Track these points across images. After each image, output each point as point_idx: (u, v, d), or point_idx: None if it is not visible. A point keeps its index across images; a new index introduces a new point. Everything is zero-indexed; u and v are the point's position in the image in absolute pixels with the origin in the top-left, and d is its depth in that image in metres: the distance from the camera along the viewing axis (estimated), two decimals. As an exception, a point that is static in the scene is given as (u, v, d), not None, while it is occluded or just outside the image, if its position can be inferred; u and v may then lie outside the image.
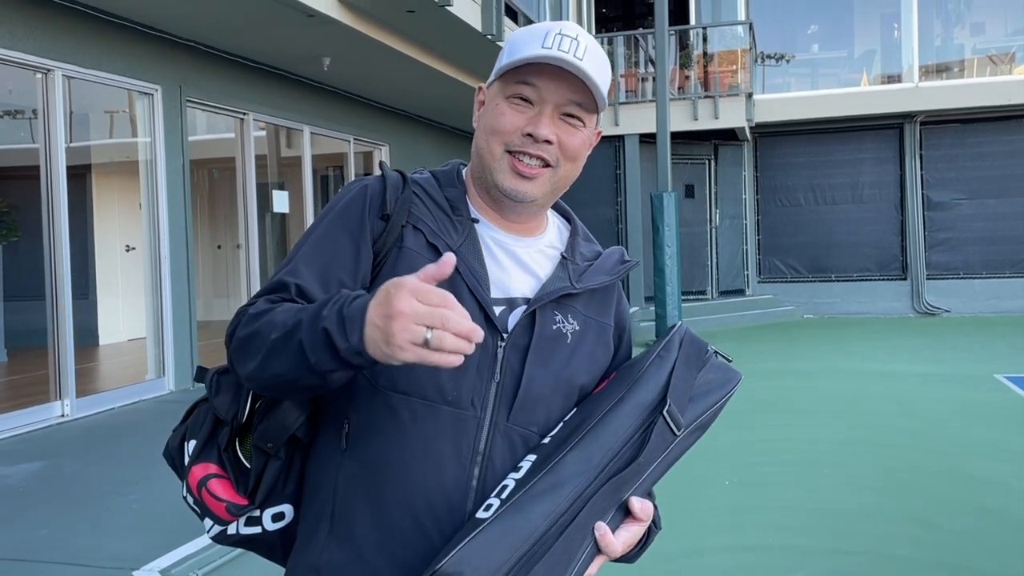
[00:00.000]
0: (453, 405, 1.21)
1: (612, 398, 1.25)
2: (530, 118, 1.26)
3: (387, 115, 11.54)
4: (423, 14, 7.85)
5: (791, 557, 4.00)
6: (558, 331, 1.30)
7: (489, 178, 1.30)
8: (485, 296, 1.25)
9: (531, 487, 1.14)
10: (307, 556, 1.26)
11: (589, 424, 1.21)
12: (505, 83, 1.28)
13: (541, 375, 1.26)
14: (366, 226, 1.27)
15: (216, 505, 1.26)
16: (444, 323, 0.99)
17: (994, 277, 14.81)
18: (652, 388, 1.25)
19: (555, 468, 1.16)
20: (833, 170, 15.46)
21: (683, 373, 1.27)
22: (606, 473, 1.18)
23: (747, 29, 14.76)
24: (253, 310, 1.21)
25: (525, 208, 1.31)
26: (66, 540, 3.77)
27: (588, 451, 1.18)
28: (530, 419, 1.25)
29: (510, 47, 1.29)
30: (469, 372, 1.22)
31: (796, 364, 9.91)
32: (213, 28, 7.41)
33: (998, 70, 14.96)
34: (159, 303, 7.48)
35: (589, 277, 1.35)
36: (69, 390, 6.41)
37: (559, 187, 1.33)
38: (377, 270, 1.26)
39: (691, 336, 1.33)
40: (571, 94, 1.26)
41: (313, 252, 1.27)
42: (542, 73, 1.25)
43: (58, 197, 6.34)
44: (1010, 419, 6.67)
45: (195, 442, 1.30)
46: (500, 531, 1.09)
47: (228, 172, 8.77)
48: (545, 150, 1.27)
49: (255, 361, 1.16)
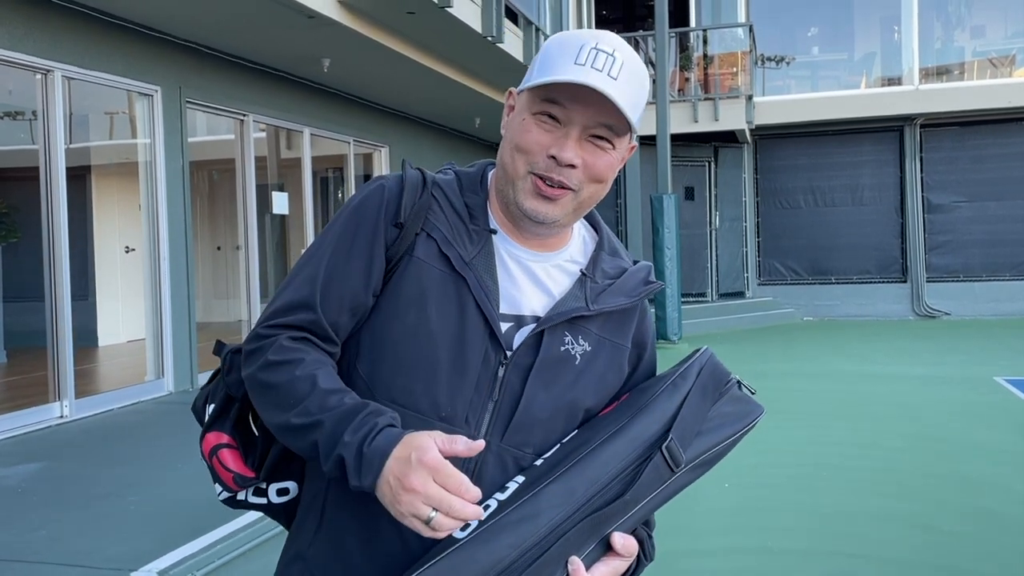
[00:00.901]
0: (447, 421, 1.20)
1: (613, 425, 1.20)
2: (556, 138, 1.20)
3: (387, 117, 11.54)
4: (423, 15, 7.85)
5: (790, 559, 3.99)
6: (566, 353, 1.25)
7: (511, 195, 1.25)
8: (492, 312, 1.22)
9: (505, 515, 1.11)
10: (298, 542, 1.29)
11: (581, 453, 1.16)
12: (533, 97, 1.22)
13: (541, 397, 1.23)
14: (380, 232, 1.24)
15: (225, 474, 1.29)
16: (450, 511, 1.04)
17: (994, 280, 14.81)
18: (657, 419, 1.19)
19: (534, 498, 1.12)
20: (833, 172, 15.47)
21: (695, 404, 1.21)
22: (589, 506, 1.13)
23: (747, 31, 14.77)
24: (274, 355, 1.19)
25: (547, 229, 1.27)
26: (65, 541, 3.76)
27: (572, 483, 1.13)
28: (525, 441, 1.22)
29: (542, 58, 1.24)
30: (467, 389, 1.21)
31: (796, 366, 9.90)
32: (213, 29, 7.41)
33: (998, 73, 14.97)
34: (158, 304, 7.47)
35: (607, 298, 1.29)
36: (68, 391, 6.41)
37: (583, 207, 1.27)
38: (388, 277, 1.24)
39: (713, 364, 1.26)
40: (600, 116, 1.19)
41: (327, 264, 1.25)
42: (572, 94, 1.18)
43: (58, 198, 6.33)
44: (1010, 421, 6.66)
45: (212, 407, 1.32)
46: (464, 558, 1.07)
47: (228, 173, 8.77)
48: (566, 175, 1.21)
49: (269, 415, 1.21)
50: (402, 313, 1.22)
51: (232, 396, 1.30)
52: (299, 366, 1.18)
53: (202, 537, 3.71)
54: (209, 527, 3.80)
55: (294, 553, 1.29)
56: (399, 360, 1.21)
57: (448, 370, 1.20)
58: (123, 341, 8.12)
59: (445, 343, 1.20)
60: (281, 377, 1.18)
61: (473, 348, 1.21)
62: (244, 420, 1.31)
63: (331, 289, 1.23)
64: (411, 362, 1.21)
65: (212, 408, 1.32)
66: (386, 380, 1.21)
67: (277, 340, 1.21)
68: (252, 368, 1.22)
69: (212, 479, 1.32)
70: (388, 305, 1.24)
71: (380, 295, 1.24)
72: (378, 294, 1.24)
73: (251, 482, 1.29)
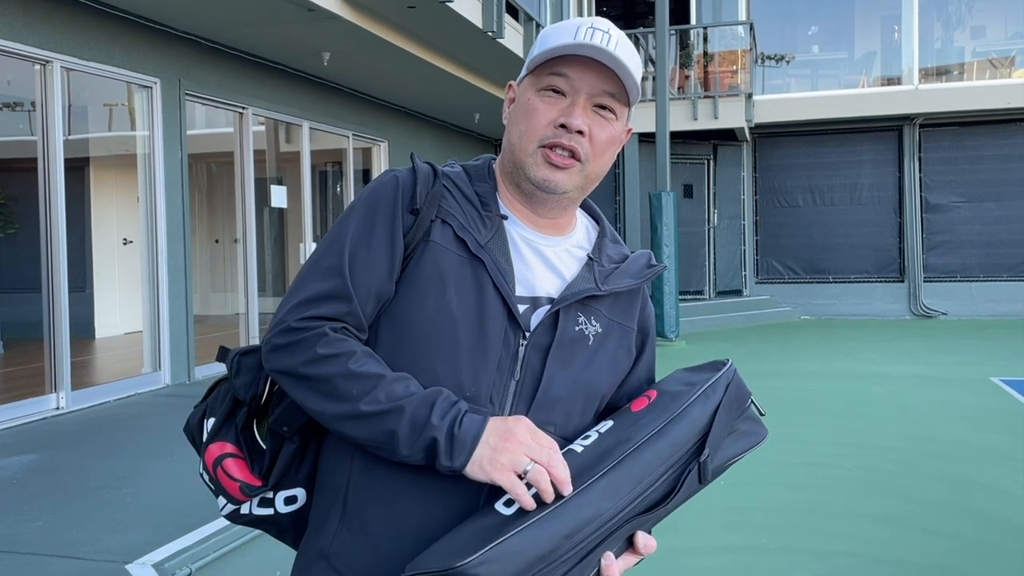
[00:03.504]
0: (472, 401, 1.21)
1: (653, 424, 1.22)
2: (563, 109, 1.27)
3: (387, 111, 11.52)
4: (424, 10, 7.84)
5: (785, 558, 4.00)
6: (580, 332, 1.29)
7: (521, 172, 1.30)
8: (510, 293, 1.25)
9: (561, 504, 1.11)
10: (318, 542, 1.28)
11: (625, 449, 1.18)
12: (537, 76, 1.29)
13: (561, 376, 1.26)
14: (398, 219, 1.27)
15: (230, 484, 1.28)
16: (549, 463, 1.11)
17: (991, 280, 14.83)
18: (692, 429, 1.22)
19: (586, 490, 1.14)
20: (832, 172, 15.47)
21: (724, 420, 1.25)
22: (634, 507, 1.16)
23: (747, 29, 14.76)
24: (324, 348, 1.19)
25: (556, 201, 1.31)
26: (60, 533, 3.76)
27: (620, 479, 1.16)
28: (548, 419, 1.25)
29: (541, 41, 1.30)
30: (489, 369, 1.23)
31: (792, 365, 9.91)
32: (213, 22, 7.40)
33: (998, 73, 14.97)
34: (156, 297, 7.46)
35: (615, 280, 1.34)
36: (64, 383, 6.40)
37: (589, 182, 1.33)
38: (406, 263, 1.26)
39: (737, 381, 1.29)
40: (604, 84, 1.27)
41: (350, 254, 1.25)
42: (574, 64, 1.26)
43: (56, 190, 6.32)
44: (1005, 422, 6.67)
45: (214, 420, 1.31)
46: (525, 540, 1.08)
47: (226, 167, 8.76)
48: (578, 141, 1.27)
49: (323, 406, 1.19)
50: (422, 297, 1.24)
51: (240, 400, 1.30)
52: (352, 358, 1.19)
53: (197, 530, 3.71)
54: (205, 520, 3.80)
55: (315, 553, 1.28)
56: (422, 343, 1.23)
57: (470, 351, 1.23)
58: (120, 333, 8.11)
59: (466, 325, 1.23)
60: (335, 369, 1.18)
61: (493, 329, 1.24)
62: (248, 428, 1.30)
63: (358, 279, 1.24)
64: (434, 345, 1.23)
65: (214, 420, 1.31)
66: (408, 364, 1.22)
67: (323, 332, 1.21)
68: (294, 361, 1.21)
69: (215, 492, 1.31)
70: (407, 291, 1.25)
71: (399, 281, 1.26)
72: (398, 279, 1.26)
73: (258, 491, 1.28)
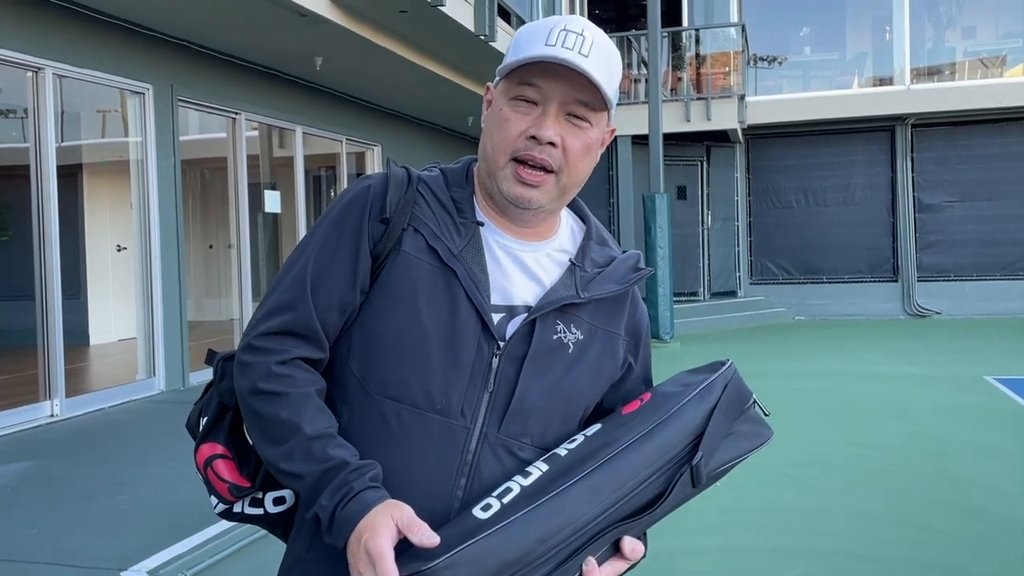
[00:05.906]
0: (442, 414, 1.20)
1: (640, 427, 1.19)
2: (534, 119, 1.23)
3: (380, 115, 11.52)
4: (416, 14, 7.85)
5: (781, 558, 4.01)
6: (558, 341, 1.26)
7: (494, 185, 1.27)
8: (483, 302, 1.22)
9: (534, 508, 1.10)
10: (295, 547, 1.29)
11: (609, 452, 1.16)
12: (509, 84, 1.25)
13: (537, 386, 1.23)
14: (364, 231, 1.25)
15: (220, 485, 1.29)
16: None
17: (985, 279, 14.87)
18: (683, 431, 1.19)
19: (562, 494, 1.12)
20: (825, 172, 15.51)
21: (720, 422, 1.22)
22: (616, 510, 1.14)
23: (740, 31, 14.80)
24: (263, 382, 1.21)
25: (533, 215, 1.28)
26: (54, 540, 3.75)
27: (600, 482, 1.14)
28: (523, 431, 1.23)
29: (514, 45, 1.26)
30: (461, 380, 1.21)
31: (787, 366, 9.92)
32: (205, 27, 7.39)
33: (989, 73, 15.02)
34: (150, 303, 7.45)
35: (597, 286, 1.29)
36: (58, 390, 6.38)
37: (567, 191, 1.28)
38: (376, 274, 1.24)
39: (737, 381, 1.27)
40: (576, 93, 1.22)
41: (314, 264, 1.25)
42: (545, 73, 1.21)
43: (48, 196, 6.31)
44: (999, 421, 6.69)
45: (206, 420, 1.32)
46: (490, 546, 1.07)
47: (220, 172, 8.75)
48: (548, 153, 1.22)
49: (258, 443, 1.24)
50: (393, 308, 1.22)
51: (225, 404, 1.30)
52: (285, 401, 1.19)
53: (192, 536, 3.70)
54: (200, 526, 3.79)
55: (292, 558, 1.28)
56: (392, 355, 1.22)
57: (441, 363, 1.20)
58: (114, 340, 8.09)
59: (437, 336, 1.21)
60: (269, 410, 1.19)
61: (466, 340, 1.21)
62: (238, 429, 1.30)
63: (319, 289, 1.24)
64: (404, 356, 1.21)
65: (205, 420, 1.32)
66: (380, 375, 1.22)
67: (267, 365, 1.21)
68: (244, 386, 1.23)
69: (208, 492, 1.32)
70: (378, 301, 1.24)
71: (370, 291, 1.24)
72: (367, 291, 1.25)
73: (247, 492, 1.29)
